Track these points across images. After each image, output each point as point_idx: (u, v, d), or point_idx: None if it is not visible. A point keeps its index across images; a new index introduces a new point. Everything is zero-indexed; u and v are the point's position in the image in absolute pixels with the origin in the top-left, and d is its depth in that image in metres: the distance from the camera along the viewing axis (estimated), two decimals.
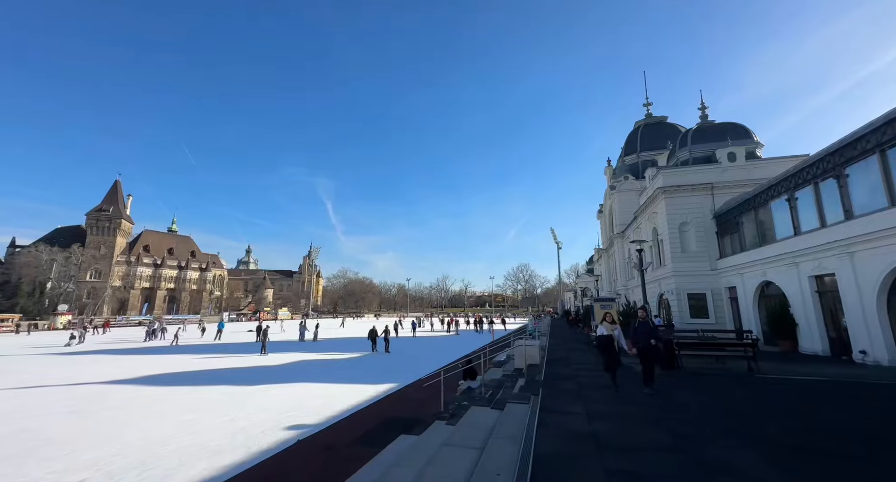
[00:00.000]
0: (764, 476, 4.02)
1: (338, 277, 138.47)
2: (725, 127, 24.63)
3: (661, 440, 5.16)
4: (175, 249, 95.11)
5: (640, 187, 34.53)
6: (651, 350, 7.93)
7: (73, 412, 10.12)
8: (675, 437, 5.23)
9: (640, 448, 4.90)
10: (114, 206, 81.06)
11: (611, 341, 8.26)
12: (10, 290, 67.53)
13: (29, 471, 6.45)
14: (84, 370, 17.00)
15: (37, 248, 71.59)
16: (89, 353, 23.36)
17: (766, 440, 5.11)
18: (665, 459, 4.52)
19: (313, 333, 31.89)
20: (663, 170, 23.22)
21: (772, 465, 4.27)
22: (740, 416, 6.33)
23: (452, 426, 6.67)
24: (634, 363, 9.95)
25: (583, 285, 66.50)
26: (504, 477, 4.11)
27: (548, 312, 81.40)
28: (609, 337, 8.31)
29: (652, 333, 8.08)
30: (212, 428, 8.78)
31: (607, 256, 46.80)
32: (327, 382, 14.06)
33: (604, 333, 8.46)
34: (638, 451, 4.78)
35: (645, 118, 44.06)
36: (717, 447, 4.86)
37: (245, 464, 6.75)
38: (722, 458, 4.49)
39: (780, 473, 4.09)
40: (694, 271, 20.80)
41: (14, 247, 77.92)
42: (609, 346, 8.24)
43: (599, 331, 8.68)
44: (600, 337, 8.52)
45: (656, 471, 4.19)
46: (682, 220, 21.58)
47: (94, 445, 7.62)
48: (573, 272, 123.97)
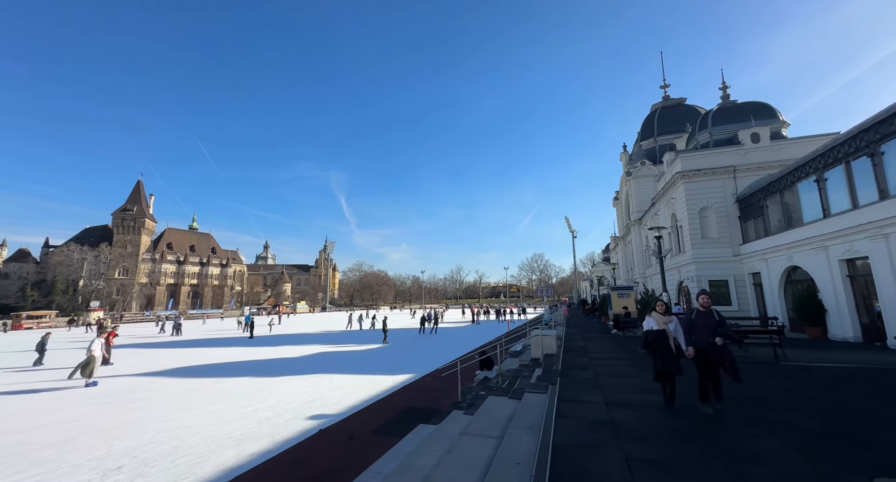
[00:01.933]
0: (790, 464, 3.91)
1: (353, 270, 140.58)
2: (748, 106, 23.57)
3: (682, 428, 5.07)
4: (196, 246, 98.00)
5: (657, 172, 33.59)
6: (715, 351, 5.64)
7: (108, 403, 10.64)
8: (698, 426, 5.14)
9: (660, 436, 4.83)
10: (137, 206, 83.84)
11: (664, 338, 6.07)
12: (47, 288, 71.16)
13: (70, 458, 6.83)
14: (116, 363, 17.82)
15: (68, 248, 74.96)
16: (120, 347, 24.45)
17: (793, 428, 4.96)
18: (687, 447, 4.45)
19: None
20: (682, 153, 22.46)
21: (799, 453, 4.15)
22: (766, 404, 6.16)
23: (470, 415, 6.72)
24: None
25: (599, 274, 65.68)
26: (523, 466, 4.13)
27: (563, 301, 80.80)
28: (662, 332, 6.09)
29: (716, 328, 5.72)
30: (237, 417, 9.11)
31: (624, 244, 45.92)
32: (345, 373, 14.36)
33: (653, 327, 6.22)
34: (659, 440, 4.72)
35: (662, 101, 42.57)
36: (741, 435, 4.75)
37: (270, 452, 6.98)
38: (746, 446, 4.39)
39: (807, 461, 3.97)
40: (715, 257, 20.22)
41: (48, 248, 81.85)
42: (663, 346, 6.06)
43: (647, 324, 6.36)
44: (649, 332, 6.23)
45: (678, 460, 4.13)
46: (702, 204, 20.92)
47: (128, 434, 8.01)
48: (589, 261, 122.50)
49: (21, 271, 76.64)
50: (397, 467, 4.79)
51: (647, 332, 6.29)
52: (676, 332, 6.08)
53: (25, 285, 71.96)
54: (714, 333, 5.70)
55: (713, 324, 5.75)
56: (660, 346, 6.09)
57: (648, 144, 39.99)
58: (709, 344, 5.70)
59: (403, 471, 4.58)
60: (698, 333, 5.81)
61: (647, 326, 6.34)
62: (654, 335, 6.18)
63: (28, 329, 46.15)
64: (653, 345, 6.17)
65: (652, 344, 6.19)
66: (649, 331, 6.28)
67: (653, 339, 6.18)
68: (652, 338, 6.19)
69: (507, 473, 3.99)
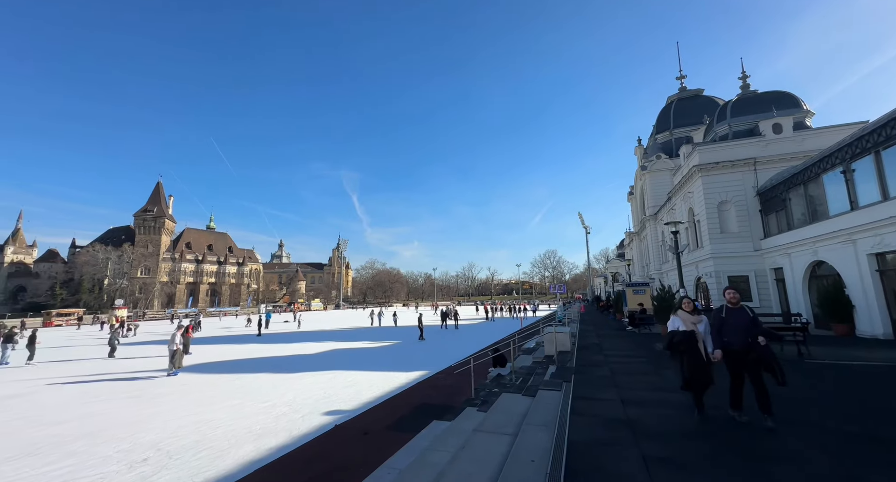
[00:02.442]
0: (817, 465, 3.79)
1: (366, 268, 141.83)
2: (770, 96, 22.75)
3: (703, 428, 4.96)
4: (214, 246, 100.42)
5: (673, 166, 32.80)
6: (757, 353, 4.80)
7: (134, 397, 11.04)
8: (719, 425, 5.02)
9: (679, 435, 4.74)
10: (157, 207, 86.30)
11: (693, 341, 5.23)
12: (74, 287, 74.05)
13: (99, 450, 7.12)
14: (141, 359, 18.45)
15: (94, 248, 77.76)
16: (142, 344, 25.29)
17: (820, 428, 4.81)
18: (707, 446, 4.35)
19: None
20: (699, 146, 21.86)
21: (825, 454, 4.02)
22: (789, 403, 5.97)
23: (484, 412, 6.72)
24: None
25: (613, 270, 64.72)
26: (538, 463, 4.11)
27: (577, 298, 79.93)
28: (690, 334, 5.27)
29: (751, 326, 4.95)
30: (256, 412, 9.32)
31: (639, 240, 45.08)
32: (360, 370, 14.54)
33: (679, 327, 5.41)
34: (677, 438, 4.63)
35: (678, 92, 41.50)
36: (764, 435, 4.62)
37: (288, 447, 7.13)
38: (768, 446, 4.27)
39: (831, 461, 3.85)
40: (735, 252, 19.66)
41: (75, 248, 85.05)
42: (691, 349, 5.23)
43: (672, 324, 5.56)
44: (675, 333, 5.44)
45: (697, 458, 4.05)
46: (720, 198, 20.35)
47: (153, 427, 8.29)
48: (603, 257, 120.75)
49: (50, 271, 79.89)
50: (412, 463, 4.83)
51: (673, 333, 5.46)
52: (706, 334, 5.28)
53: (55, 284, 75.05)
54: (749, 332, 4.93)
55: (747, 321, 4.98)
56: (687, 350, 5.25)
57: (664, 137, 39.07)
58: (745, 344, 4.90)
59: (418, 467, 4.61)
60: (730, 333, 5.04)
61: (673, 326, 5.53)
62: (680, 337, 5.33)
63: (58, 326, 48.13)
64: (679, 348, 5.35)
65: (678, 346, 5.35)
66: (675, 331, 5.45)
67: (679, 341, 5.33)
68: (678, 340, 5.34)
69: (522, 470, 3.98)
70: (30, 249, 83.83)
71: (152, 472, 6.13)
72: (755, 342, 4.85)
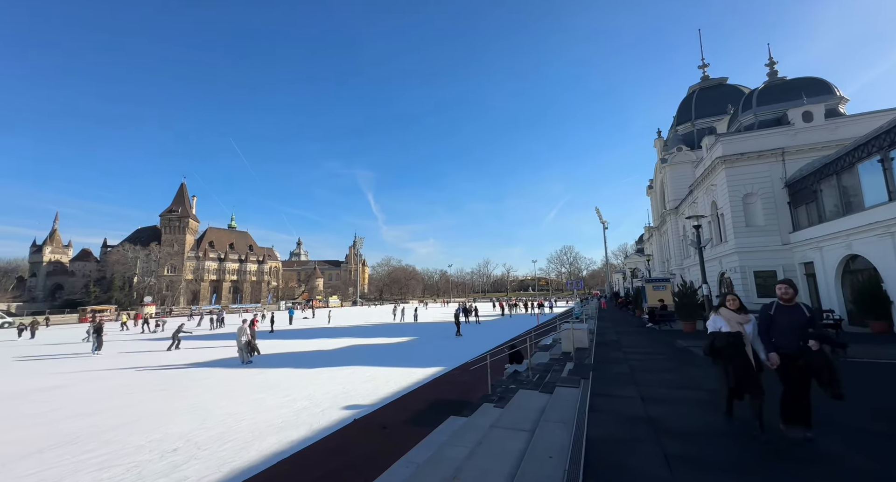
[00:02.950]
0: (852, 466, 3.64)
1: (382, 265, 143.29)
2: (800, 83, 21.72)
3: (729, 427, 4.82)
4: (235, 244, 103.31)
5: (695, 158, 31.77)
6: (808, 358, 4.15)
7: (163, 390, 11.52)
8: (745, 423, 4.87)
9: (702, 433, 4.62)
10: (182, 207, 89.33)
11: (739, 344, 4.49)
12: (106, 285, 77.63)
13: (133, 439, 7.47)
14: (169, 354, 19.23)
15: (123, 248, 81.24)
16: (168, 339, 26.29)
17: (855, 428, 4.61)
18: (732, 445, 4.23)
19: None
20: (723, 137, 21.08)
21: (861, 454, 3.86)
22: (820, 401, 5.74)
23: (501, 409, 6.72)
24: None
25: (632, 266, 63.27)
26: (556, 459, 4.08)
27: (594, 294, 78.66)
28: (736, 336, 4.53)
29: (807, 327, 4.23)
30: (277, 406, 9.59)
31: (659, 235, 43.95)
32: (377, 366, 14.73)
33: (722, 329, 4.67)
34: (700, 436, 4.52)
35: (701, 81, 40.05)
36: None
37: (309, 440, 7.31)
38: (798, 445, 4.11)
39: (864, 460, 3.68)
40: (761, 246, 18.94)
41: (106, 248, 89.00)
42: (737, 354, 4.47)
43: (713, 324, 4.82)
44: (717, 336, 4.68)
45: (722, 457, 3.94)
46: (746, 191, 19.61)
47: (181, 419, 8.64)
48: (621, 253, 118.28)
49: (85, 269, 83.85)
50: (430, 457, 4.88)
51: (715, 336, 4.70)
52: (754, 335, 4.53)
53: (89, 282, 78.86)
54: (804, 334, 4.19)
55: (803, 321, 4.25)
56: (733, 355, 4.46)
57: (685, 129, 37.82)
58: (799, 348, 4.18)
59: (436, 461, 4.66)
60: (782, 335, 4.31)
61: (714, 327, 4.80)
62: (724, 340, 4.56)
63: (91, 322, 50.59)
64: (723, 353, 4.55)
65: (721, 351, 4.56)
66: (716, 333, 4.70)
67: (723, 345, 4.55)
68: (722, 343, 4.56)
69: (540, 466, 3.97)
70: (65, 249, 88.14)
71: (182, 462, 6.40)
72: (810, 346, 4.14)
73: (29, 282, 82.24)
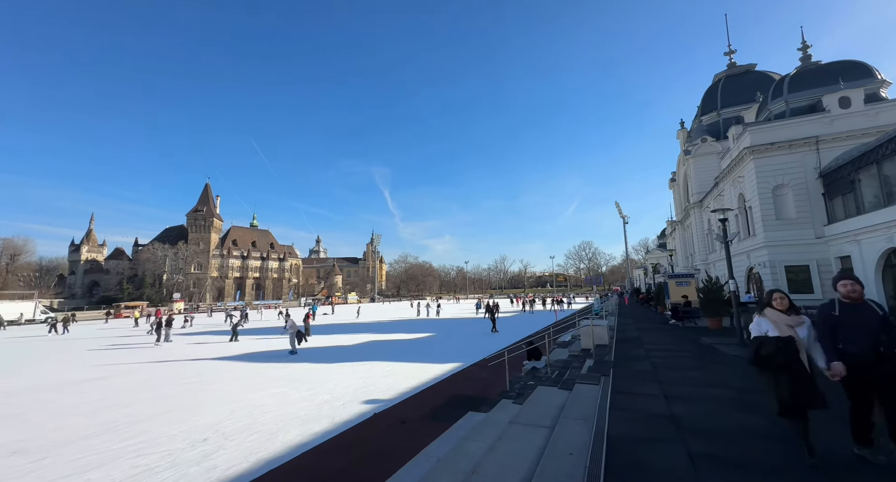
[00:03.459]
0: (892, 466, 3.45)
1: (399, 262, 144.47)
2: (836, 67, 20.54)
3: (756, 425, 4.66)
4: (257, 242, 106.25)
5: (720, 149, 30.60)
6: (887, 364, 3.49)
7: (193, 383, 12.02)
8: (774, 424, 4.69)
9: (730, 433, 4.49)
10: (206, 207, 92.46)
11: (792, 351, 3.70)
12: (138, 282, 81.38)
13: (166, 430, 7.85)
14: (197, 348, 20.03)
15: (153, 246, 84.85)
16: (198, 334, 27.40)
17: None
18: (762, 445, 4.09)
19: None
20: (751, 126, 20.18)
21: None
22: None
23: (520, 405, 6.70)
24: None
25: (654, 261, 61.71)
26: (576, 456, 4.05)
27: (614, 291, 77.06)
28: (787, 341, 3.73)
29: (881, 329, 3.58)
30: (300, 399, 9.86)
31: (682, 229, 42.60)
32: (395, 361, 14.92)
33: (769, 333, 3.86)
34: (728, 436, 4.39)
35: (727, 69, 38.33)
36: (828, 435, 4.25)
37: (331, 432, 7.50)
38: (833, 448, 3.92)
39: None
40: (792, 240, 18.10)
41: (137, 246, 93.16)
42: (791, 362, 3.69)
43: (758, 327, 4.00)
44: (764, 341, 3.84)
45: (753, 458, 3.81)
46: (776, 182, 18.74)
47: (210, 411, 9.01)
48: (642, 248, 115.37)
49: (118, 267, 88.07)
50: (449, 452, 4.92)
51: (760, 341, 3.87)
52: (810, 341, 3.78)
53: (122, 280, 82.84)
54: (876, 339, 3.53)
55: (875, 322, 3.58)
56: (785, 364, 3.69)
57: (710, 119, 36.39)
58: (873, 354, 3.50)
59: (455, 456, 4.69)
60: (850, 339, 3.61)
61: (759, 330, 3.99)
62: (773, 346, 3.73)
63: (126, 318, 53.07)
64: (772, 362, 3.74)
65: (770, 360, 3.74)
66: (763, 338, 3.87)
67: (772, 353, 3.72)
68: (771, 350, 3.73)
69: (560, 463, 3.94)
70: (101, 248, 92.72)
71: (212, 451, 6.68)
72: (889, 351, 3.48)
73: (69, 279, 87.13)
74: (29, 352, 20.52)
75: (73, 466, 6.22)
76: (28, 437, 7.57)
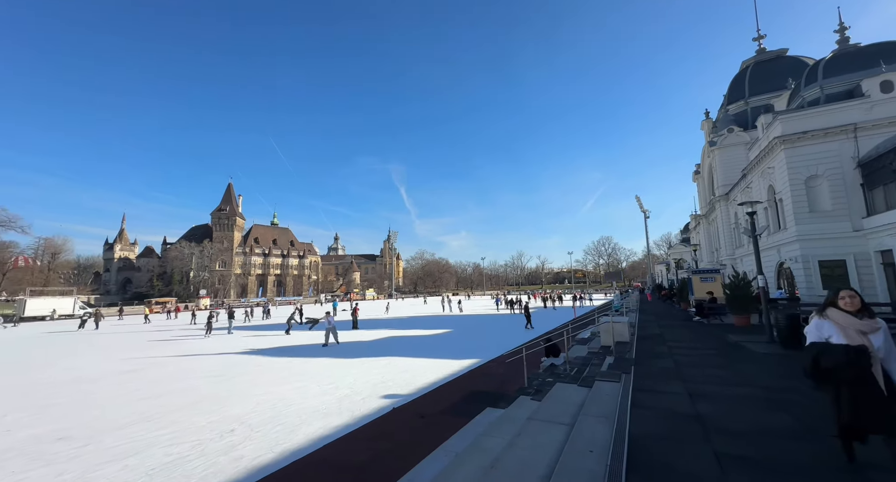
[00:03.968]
0: None
1: (416, 259, 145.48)
2: (876, 48, 19.32)
3: (785, 426, 4.49)
4: (278, 240, 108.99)
5: (748, 139, 29.37)
6: None
7: (220, 376, 12.48)
8: (805, 425, 4.51)
9: (758, 433, 4.33)
10: (229, 206, 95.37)
11: (863, 362, 3.04)
12: (167, 279, 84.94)
13: (196, 420, 8.20)
14: (223, 343, 20.79)
15: (180, 245, 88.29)
16: (223, 329, 28.38)
17: None
18: (791, 446, 3.93)
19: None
20: (782, 114, 19.23)
21: None
22: None
23: (538, 401, 6.67)
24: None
25: (677, 256, 59.96)
26: (597, 454, 4.00)
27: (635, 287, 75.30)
28: (860, 351, 3.06)
29: None
30: (321, 393, 10.10)
31: (707, 223, 41.15)
32: (413, 357, 15.06)
33: (831, 339, 3.25)
34: (756, 436, 4.24)
35: (756, 55, 36.59)
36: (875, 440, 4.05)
37: (351, 426, 7.66)
38: (869, 451, 3.73)
39: None
40: (827, 233, 17.22)
41: (166, 245, 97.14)
42: (860, 377, 3.06)
43: (817, 332, 3.36)
44: (824, 349, 3.21)
45: (783, 459, 3.67)
46: (809, 172, 17.84)
47: (236, 403, 9.34)
48: (664, 243, 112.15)
49: (149, 265, 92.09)
50: (468, 447, 4.95)
51: (821, 349, 3.22)
52: (888, 353, 3.09)
53: (153, 277, 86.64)
54: None
55: None
56: (854, 378, 3.05)
57: (737, 108, 34.87)
58: None
59: (474, 451, 4.72)
60: None
61: (818, 335, 3.33)
62: (840, 356, 3.08)
63: (157, 313, 55.54)
64: (837, 375, 3.12)
65: (835, 372, 3.12)
66: (824, 345, 3.23)
67: (838, 364, 3.08)
68: (836, 361, 3.09)
69: (580, 460, 3.91)
70: (132, 247, 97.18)
71: (239, 442, 6.94)
72: None
73: (104, 276, 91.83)
74: (67, 346, 21.76)
75: (113, 453, 6.58)
76: (71, 425, 8.06)
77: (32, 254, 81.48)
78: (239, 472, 5.81)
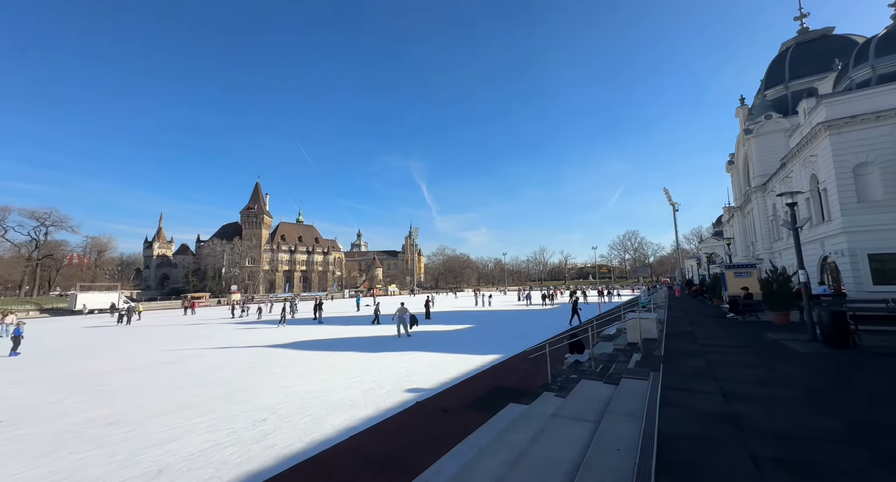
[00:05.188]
0: None
1: (437, 255, 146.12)
2: None
3: (827, 428, 4.24)
4: (303, 237, 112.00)
5: (788, 126, 27.64)
6: None
7: (251, 368, 13.04)
8: (849, 426, 4.24)
9: (797, 435, 4.11)
10: (257, 204, 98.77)
11: None
12: (201, 275, 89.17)
13: (231, 408, 8.61)
14: (253, 336, 21.66)
15: (213, 242, 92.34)
16: (254, 323, 29.61)
17: None
18: (833, 449, 3.72)
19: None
20: (827, 98, 17.94)
21: None
22: None
23: (562, 398, 6.59)
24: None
25: (708, 251, 57.38)
26: (624, 452, 3.92)
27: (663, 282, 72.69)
28: None
29: None
30: (347, 386, 10.36)
31: (742, 215, 39.14)
32: (437, 352, 15.18)
33: None
34: (795, 439, 4.02)
35: (798, 35, 34.23)
36: None
37: (375, 419, 7.82)
38: None
39: None
40: (879, 225, 16.02)
41: (199, 242, 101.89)
42: None
43: None
44: None
45: (823, 462, 3.48)
46: (857, 160, 16.62)
47: (267, 394, 9.74)
48: (694, 237, 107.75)
49: (184, 262, 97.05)
50: (492, 442, 4.96)
51: None
52: None
53: (188, 273, 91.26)
54: None
55: None
56: None
57: (776, 93, 32.83)
58: None
59: (497, 446, 4.72)
60: None
61: None
62: None
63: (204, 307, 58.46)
64: None
65: None
66: None
67: None
68: None
69: (608, 458, 3.84)
70: (169, 244, 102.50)
71: (270, 431, 7.24)
72: None
73: (144, 273, 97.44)
74: (109, 339, 23.28)
75: (157, 438, 7.02)
76: (121, 410, 8.65)
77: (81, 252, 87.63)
78: (271, 460, 6.07)
